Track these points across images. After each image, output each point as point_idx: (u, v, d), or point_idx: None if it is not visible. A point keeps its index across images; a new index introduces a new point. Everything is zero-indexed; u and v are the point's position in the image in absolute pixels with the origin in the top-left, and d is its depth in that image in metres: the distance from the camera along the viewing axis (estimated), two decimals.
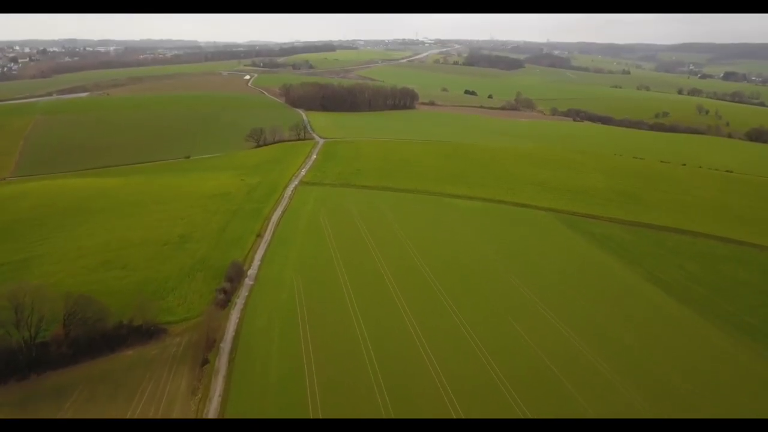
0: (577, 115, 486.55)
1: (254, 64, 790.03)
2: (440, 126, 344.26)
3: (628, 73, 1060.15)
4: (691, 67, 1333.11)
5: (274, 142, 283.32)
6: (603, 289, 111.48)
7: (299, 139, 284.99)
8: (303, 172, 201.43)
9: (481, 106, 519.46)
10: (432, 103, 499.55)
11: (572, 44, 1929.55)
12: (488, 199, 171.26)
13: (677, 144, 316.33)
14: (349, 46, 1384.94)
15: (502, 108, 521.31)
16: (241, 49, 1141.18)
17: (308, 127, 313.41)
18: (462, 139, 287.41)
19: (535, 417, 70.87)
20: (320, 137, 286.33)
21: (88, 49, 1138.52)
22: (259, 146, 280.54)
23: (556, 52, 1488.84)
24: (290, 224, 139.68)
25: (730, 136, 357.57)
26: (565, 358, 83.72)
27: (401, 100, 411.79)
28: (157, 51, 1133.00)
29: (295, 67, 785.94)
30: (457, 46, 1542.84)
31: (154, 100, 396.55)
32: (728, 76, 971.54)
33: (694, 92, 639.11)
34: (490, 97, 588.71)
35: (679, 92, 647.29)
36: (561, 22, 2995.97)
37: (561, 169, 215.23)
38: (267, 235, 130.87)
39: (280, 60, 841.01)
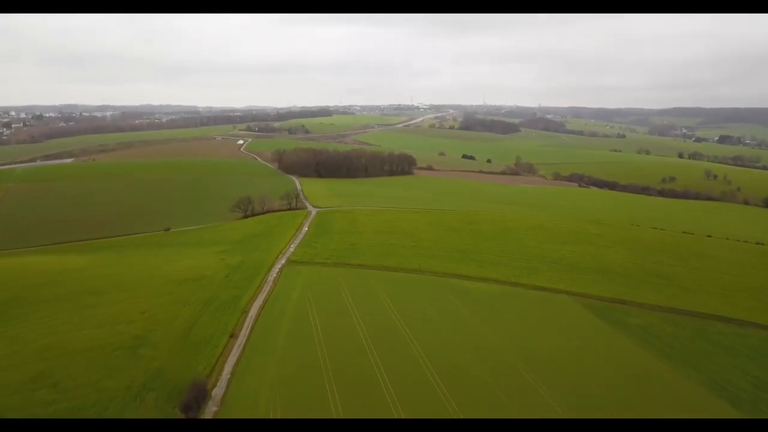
0: (581, 180, 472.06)
1: (249, 129, 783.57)
2: (441, 193, 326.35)
3: (623, 136, 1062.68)
4: (684, 131, 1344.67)
5: (263, 212, 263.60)
6: (660, 406, 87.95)
7: (291, 209, 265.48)
8: (292, 248, 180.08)
9: (481, 171, 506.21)
10: (430, 168, 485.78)
11: (564, 109, 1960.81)
12: (502, 281, 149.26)
13: (694, 212, 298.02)
14: (345, 111, 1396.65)
15: (503, 173, 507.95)
16: (238, 113, 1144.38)
17: (301, 195, 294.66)
18: (466, 208, 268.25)
19: None
20: (313, 206, 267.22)
21: (84, 114, 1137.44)
22: (246, 217, 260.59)
23: (549, 116, 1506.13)
24: (272, 319, 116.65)
25: (746, 202, 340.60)
26: None
27: (399, 165, 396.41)
28: (154, 116, 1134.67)
29: (291, 131, 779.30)
30: (452, 111, 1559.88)
31: (140, 167, 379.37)
32: (724, 139, 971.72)
33: (695, 156, 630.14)
34: (488, 161, 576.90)
35: (680, 156, 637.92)
36: (552, 86, 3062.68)
37: (578, 243, 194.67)
38: (243, 336, 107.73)
39: (276, 125, 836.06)
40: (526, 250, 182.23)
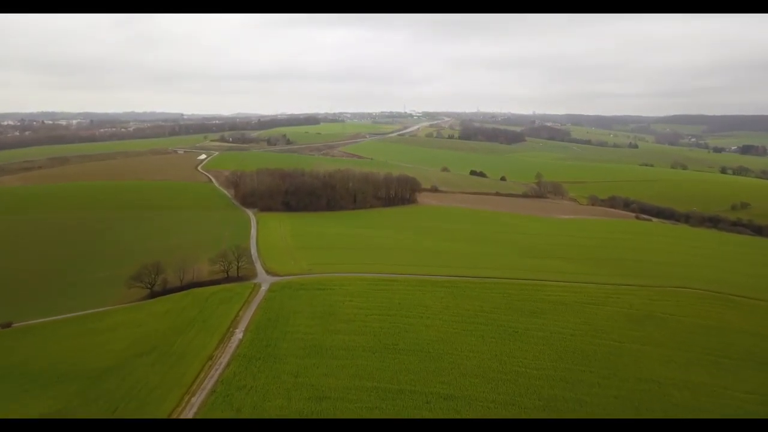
0: (626, 206, 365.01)
1: (223, 139, 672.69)
2: (457, 238, 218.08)
3: (636, 146, 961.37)
4: (692, 140, 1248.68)
5: (182, 288, 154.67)
6: None
7: (228, 279, 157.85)
8: (199, 396, 73.41)
9: (498, 193, 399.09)
10: (435, 190, 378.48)
11: (560, 116, 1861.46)
12: None
13: None
14: (335, 119, 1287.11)
15: (525, 195, 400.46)
16: (217, 121, 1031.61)
17: (252, 249, 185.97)
18: (497, 264, 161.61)
19: None
20: (268, 272, 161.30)
21: (47, 122, 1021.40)
22: (151, 297, 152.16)
23: (548, 124, 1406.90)
24: None
25: None
26: None
27: (398, 191, 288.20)
28: (128, 123, 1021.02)
29: (270, 142, 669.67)
30: (447, 119, 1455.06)
31: (48, 194, 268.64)
32: (747, 149, 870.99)
33: (740, 171, 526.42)
34: (503, 179, 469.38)
35: (723, 171, 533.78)
36: (546, 94, 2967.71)
37: (704, 352, 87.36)
38: None
39: (255, 134, 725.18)
40: (630, 370, 73.13)
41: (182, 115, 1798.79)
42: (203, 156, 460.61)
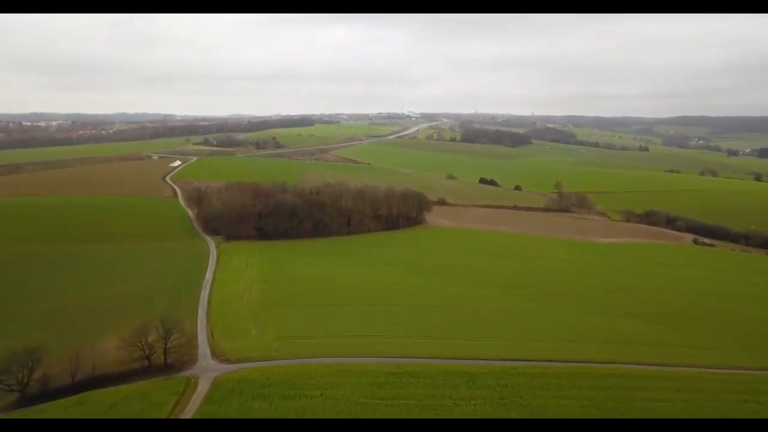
0: (669, 223, 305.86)
1: (207, 143, 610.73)
2: (490, 281, 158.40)
3: (646, 149, 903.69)
4: (700, 141, 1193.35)
5: (73, 388, 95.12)
6: None
7: (149, 371, 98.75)
8: None
9: (515, 207, 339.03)
10: (443, 203, 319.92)
11: (560, 117, 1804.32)
12: None
13: None
14: (330, 120, 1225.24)
15: (547, 209, 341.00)
16: (206, 123, 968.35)
17: (200, 310, 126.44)
18: (564, 331, 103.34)
19: None
20: (215, 355, 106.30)
21: (25, 123, 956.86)
22: (22, 404, 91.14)
23: (550, 125, 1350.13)
24: None
25: None
26: None
27: (402, 209, 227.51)
28: (110, 125, 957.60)
29: (258, 145, 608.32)
30: (446, 120, 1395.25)
31: None
32: (765, 153, 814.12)
33: None
34: (517, 188, 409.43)
35: (757, 179, 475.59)
36: (545, 95, 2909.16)
37: None
38: None
39: (242, 137, 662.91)
40: None
41: (174, 116, 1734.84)
42: (177, 162, 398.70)
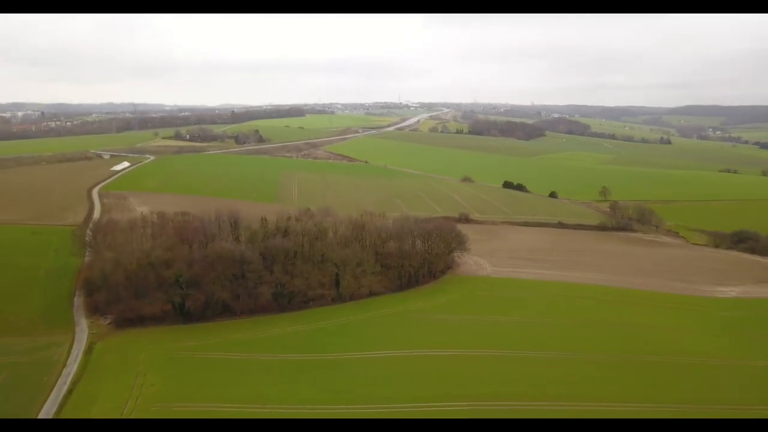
0: None
1: (178, 136, 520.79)
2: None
3: (669, 142, 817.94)
4: (717, 132, 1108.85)
5: None
6: None
7: None
8: None
9: (561, 224, 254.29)
10: (467, 219, 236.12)
11: (562, 107, 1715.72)
12: None
13: None
14: (323, 110, 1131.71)
15: (602, 227, 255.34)
16: (186, 114, 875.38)
17: None
18: None
19: None
20: None
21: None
22: None
23: (555, 116, 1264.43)
24: None
25: None
26: None
27: (427, 256, 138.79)
28: (77, 116, 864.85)
29: (238, 140, 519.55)
30: (446, 110, 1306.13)
31: None
32: None
33: None
34: (553, 196, 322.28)
35: None
36: (551, 83, 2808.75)
37: None
38: None
39: (219, 130, 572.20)
40: None
41: (163, 106, 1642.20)
42: (123, 165, 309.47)
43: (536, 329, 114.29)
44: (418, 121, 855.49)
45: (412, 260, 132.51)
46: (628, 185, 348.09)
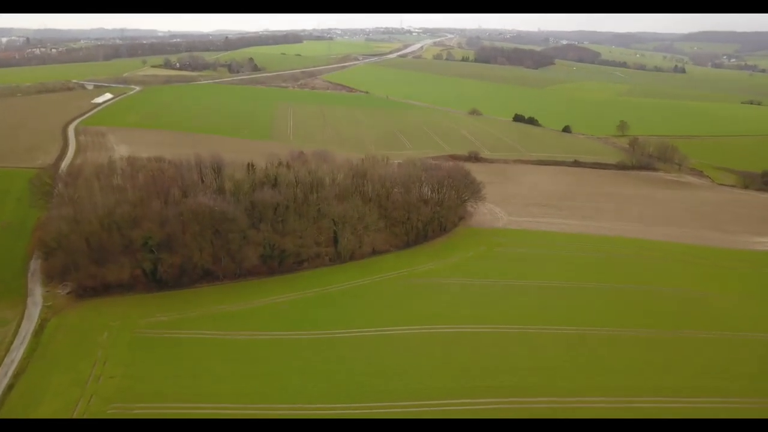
0: None
1: (168, 65, 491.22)
2: None
3: (683, 70, 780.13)
4: (732, 60, 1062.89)
5: None
6: None
7: None
8: None
9: (576, 163, 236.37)
10: (476, 157, 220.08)
11: (569, 33, 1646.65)
12: None
13: None
14: (322, 35, 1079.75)
15: (622, 166, 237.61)
16: (178, 40, 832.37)
17: None
18: None
19: None
20: None
21: None
22: None
23: (564, 42, 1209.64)
24: None
25: None
26: None
27: (437, 208, 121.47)
28: (65, 43, 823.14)
29: (231, 69, 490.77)
30: (450, 35, 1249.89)
31: None
32: None
33: None
34: (566, 130, 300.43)
35: None
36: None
37: None
38: None
39: (212, 58, 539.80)
40: None
41: (156, 32, 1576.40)
42: (105, 97, 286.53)
43: (567, 297, 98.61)
44: (422, 47, 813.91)
45: (420, 214, 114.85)
46: (646, 119, 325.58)
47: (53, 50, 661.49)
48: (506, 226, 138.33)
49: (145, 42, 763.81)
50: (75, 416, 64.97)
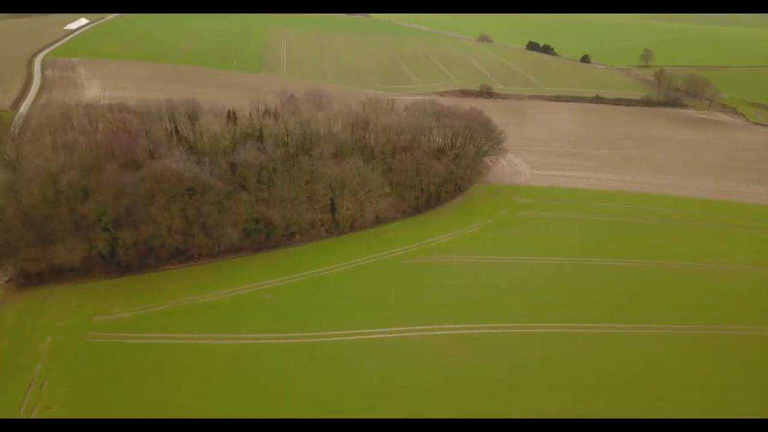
0: None
1: None
2: None
3: None
4: None
5: None
6: None
7: None
8: None
9: (598, 98, 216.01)
10: (488, 92, 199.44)
11: None
12: None
13: None
14: None
15: (647, 102, 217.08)
16: None
17: None
18: None
19: None
20: None
21: None
22: None
23: None
24: None
25: None
26: None
27: (452, 166, 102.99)
28: None
29: None
30: None
31: None
32: None
33: None
34: (585, 60, 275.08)
35: None
36: None
37: None
38: None
39: None
40: None
41: None
42: (81, 22, 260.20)
43: (613, 277, 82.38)
44: None
45: (432, 175, 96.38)
46: (672, 46, 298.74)
47: None
48: (529, 182, 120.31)
49: None
50: None
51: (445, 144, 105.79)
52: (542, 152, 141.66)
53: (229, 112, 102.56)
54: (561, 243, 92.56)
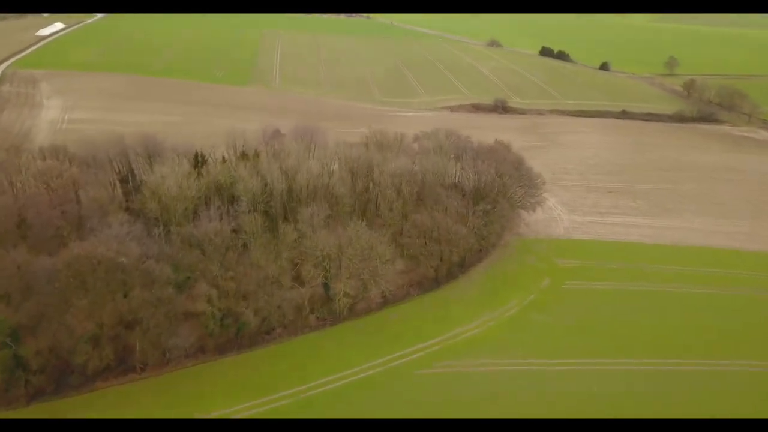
0: None
1: None
2: None
3: None
4: None
5: None
6: None
7: None
8: None
9: (624, 113, 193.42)
10: (504, 108, 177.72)
11: None
12: None
13: None
14: None
15: (679, 117, 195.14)
16: None
17: None
18: None
19: None
20: None
21: None
22: None
23: None
24: None
25: None
26: None
27: (475, 224, 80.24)
28: None
29: None
30: None
31: None
32: None
33: None
34: (603, 68, 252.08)
35: None
36: None
37: None
38: None
39: None
40: None
41: None
42: (55, 27, 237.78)
43: (723, 394, 59.57)
44: None
45: (454, 242, 73.45)
46: (697, 52, 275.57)
47: None
48: (569, 233, 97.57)
49: None
50: None
51: (468, 192, 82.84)
52: (578, 188, 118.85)
53: (196, 155, 79.69)
54: (632, 335, 69.90)
